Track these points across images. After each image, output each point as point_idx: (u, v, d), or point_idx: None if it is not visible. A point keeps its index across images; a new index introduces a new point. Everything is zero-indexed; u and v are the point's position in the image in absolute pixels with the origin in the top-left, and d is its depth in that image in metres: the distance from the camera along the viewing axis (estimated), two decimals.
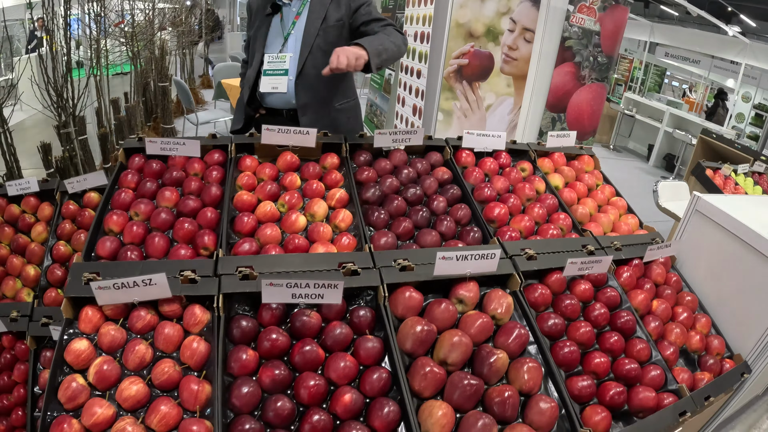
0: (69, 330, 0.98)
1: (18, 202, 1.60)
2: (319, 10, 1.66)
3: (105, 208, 1.28)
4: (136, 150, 1.43)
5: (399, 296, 1.06)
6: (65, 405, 0.89)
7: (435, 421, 0.89)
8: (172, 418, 0.88)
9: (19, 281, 1.48)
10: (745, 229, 1.46)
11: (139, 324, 0.99)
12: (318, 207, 1.27)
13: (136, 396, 0.90)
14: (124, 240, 1.22)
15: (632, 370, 1.18)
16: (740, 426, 1.98)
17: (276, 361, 0.94)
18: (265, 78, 1.68)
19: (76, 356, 0.94)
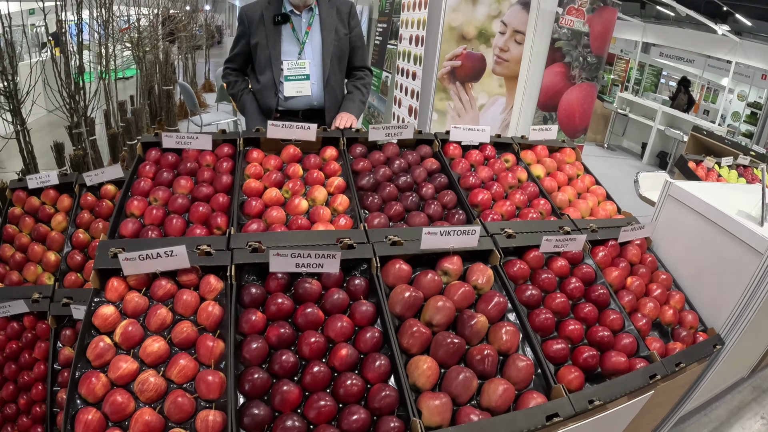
0: (96, 299, 1.11)
1: (38, 194, 1.74)
2: (330, 23, 1.89)
3: (126, 194, 1.43)
4: (152, 144, 1.58)
5: (390, 268, 1.20)
6: (93, 362, 1.01)
7: (421, 372, 1.03)
8: (190, 370, 1.01)
9: (40, 266, 1.62)
10: (716, 212, 1.60)
11: (160, 292, 1.12)
12: (318, 193, 1.42)
13: (158, 352, 1.02)
14: (145, 222, 1.36)
15: (605, 337, 1.31)
16: (725, 407, 2.11)
17: (281, 321, 1.08)
18: (288, 83, 1.88)
19: (103, 320, 1.06)
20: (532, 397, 1.09)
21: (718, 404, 2.09)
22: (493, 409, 1.03)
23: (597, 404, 1.11)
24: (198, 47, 6.06)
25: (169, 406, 0.95)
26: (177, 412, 0.95)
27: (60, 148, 2.62)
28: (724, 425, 1.98)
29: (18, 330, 1.49)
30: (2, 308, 1.45)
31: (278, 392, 0.96)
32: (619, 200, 1.86)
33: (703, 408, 2.04)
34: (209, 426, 0.92)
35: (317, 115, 1.99)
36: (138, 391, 0.97)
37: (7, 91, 2.34)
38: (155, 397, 0.98)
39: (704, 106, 7.05)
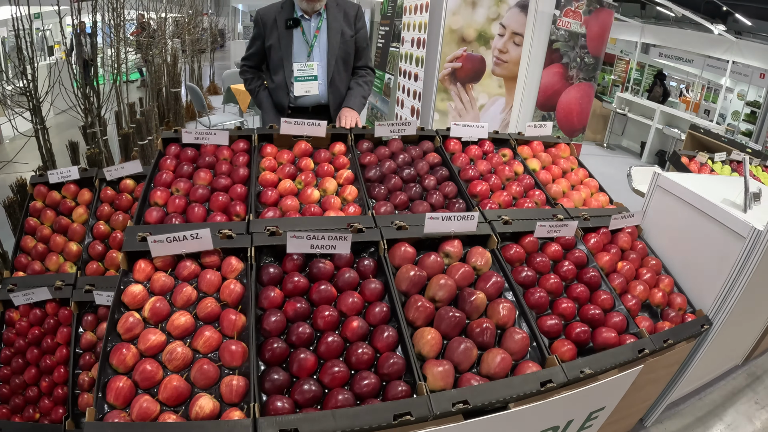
0: (125, 279, 1.21)
1: (58, 189, 1.84)
2: (336, 27, 2.05)
3: (149, 186, 1.55)
4: (172, 140, 1.71)
5: (396, 250, 1.32)
6: (123, 336, 1.10)
7: (425, 342, 1.14)
8: (215, 340, 1.11)
9: (62, 256, 1.72)
10: (701, 200, 1.71)
11: (185, 272, 1.23)
12: (329, 184, 1.54)
13: (185, 325, 1.12)
14: (168, 210, 1.48)
15: (596, 315, 1.43)
16: (719, 392, 2.21)
17: (298, 297, 1.20)
18: (297, 84, 2.05)
19: (132, 297, 1.16)
20: (528, 366, 1.20)
21: (713, 389, 2.19)
22: (492, 375, 1.15)
23: (588, 373, 1.22)
24: (203, 50, 6.23)
25: (195, 373, 1.04)
26: (202, 378, 1.04)
27: (75, 146, 2.75)
28: (718, 408, 2.08)
29: (40, 316, 1.58)
30: (26, 295, 1.55)
31: (296, 360, 1.08)
32: (617, 197, 1.97)
33: (697, 392, 2.14)
34: (233, 390, 1.01)
35: (326, 111, 2.17)
36: (166, 360, 1.06)
37: (28, 91, 2.46)
38: (182, 366, 1.07)
39: (705, 106, 7.17)
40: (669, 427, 1.95)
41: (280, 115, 2.12)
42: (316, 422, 0.93)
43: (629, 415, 1.79)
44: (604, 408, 1.49)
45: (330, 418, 0.94)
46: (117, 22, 3.06)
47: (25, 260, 1.72)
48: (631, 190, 2.86)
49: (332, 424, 0.93)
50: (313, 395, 1.02)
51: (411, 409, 0.97)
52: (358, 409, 0.96)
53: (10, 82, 2.62)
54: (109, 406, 0.99)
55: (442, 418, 1.03)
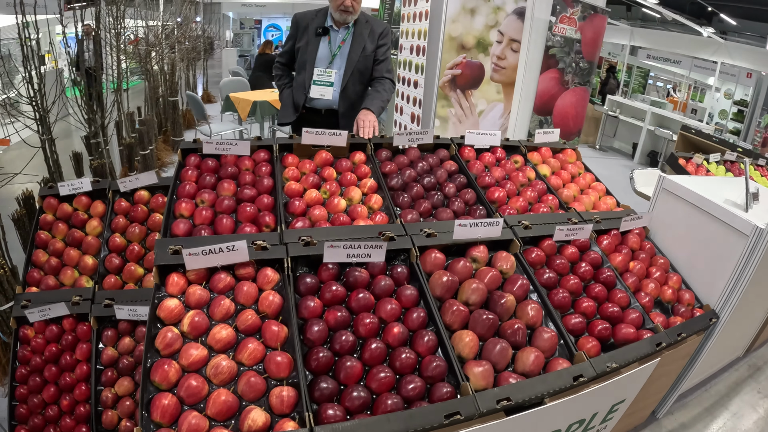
0: (158, 293, 1.21)
1: (69, 201, 1.83)
2: (360, 41, 2.23)
3: (172, 197, 1.57)
4: (190, 150, 1.74)
5: (427, 257, 1.40)
6: (162, 351, 1.09)
7: (465, 344, 1.22)
8: (260, 352, 1.13)
9: (77, 270, 1.70)
10: (705, 201, 1.83)
11: (220, 285, 1.24)
12: (354, 193, 1.61)
13: (227, 338, 1.13)
14: (195, 222, 1.49)
15: (615, 312, 1.52)
16: (723, 383, 2.32)
17: (337, 306, 1.26)
18: (314, 86, 2.23)
19: (168, 312, 1.15)
20: (559, 362, 1.28)
21: (717, 381, 2.31)
22: (527, 373, 1.23)
23: (614, 366, 1.31)
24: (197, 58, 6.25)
25: (243, 386, 1.06)
26: (250, 391, 1.05)
27: (79, 157, 2.76)
28: (723, 399, 2.19)
29: (57, 333, 1.57)
30: (42, 311, 1.53)
31: (342, 368, 1.12)
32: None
33: (703, 384, 2.25)
34: (284, 401, 1.03)
35: (334, 115, 2.32)
36: (211, 375, 1.07)
37: (34, 100, 2.45)
38: (228, 379, 1.08)
39: (692, 105, 7.43)
40: (679, 417, 2.05)
41: (295, 114, 2.31)
42: (372, 427, 0.98)
43: (643, 407, 1.89)
44: (624, 400, 1.58)
45: (385, 422, 0.99)
46: (118, 30, 3.08)
47: (37, 275, 1.70)
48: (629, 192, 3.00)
49: (388, 427, 0.98)
50: (363, 402, 1.07)
51: (460, 409, 1.05)
52: (411, 412, 1.02)
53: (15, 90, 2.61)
54: (155, 424, 0.99)
55: (486, 416, 1.10)
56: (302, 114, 2.31)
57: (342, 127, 2.25)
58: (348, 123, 2.26)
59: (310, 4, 2.92)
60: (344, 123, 2.28)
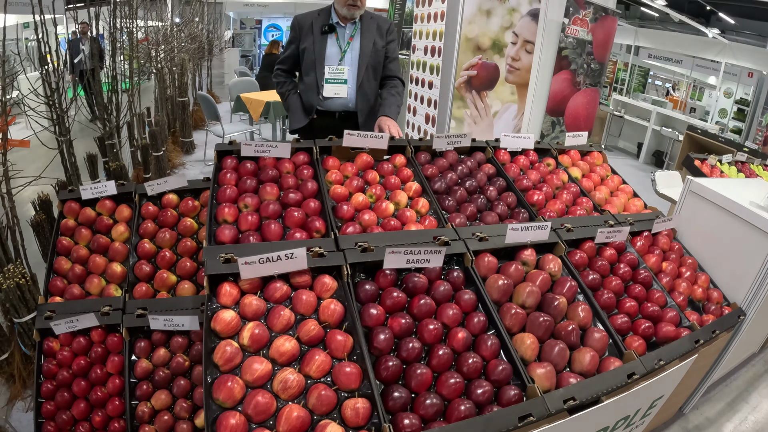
0: (211, 305, 1.17)
1: (91, 205, 1.76)
2: (369, 36, 2.20)
3: (213, 202, 1.51)
4: (226, 152, 1.71)
5: (480, 261, 1.44)
6: (222, 367, 1.06)
7: (527, 347, 1.27)
8: (327, 364, 1.11)
9: (104, 279, 1.62)
10: (732, 203, 1.90)
11: (277, 294, 1.22)
12: (401, 197, 1.65)
13: (291, 351, 1.11)
14: (241, 228, 1.45)
15: (655, 312, 1.59)
16: (742, 378, 2.42)
17: (400, 313, 1.28)
18: (327, 85, 2.19)
19: (224, 325, 1.12)
20: (611, 361, 1.34)
21: (736, 377, 2.40)
22: (584, 372, 1.29)
23: (662, 364, 1.37)
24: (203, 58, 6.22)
25: (314, 401, 1.03)
26: (322, 404, 1.03)
27: (93, 159, 2.74)
28: (743, 393, 2.28)
29: (85, 345, 1.50)
30: (69, 323, 1.45)
31: (413, 375, 1.14)
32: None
33: (724, 380, 2.34)
34: (359, 413, 1.01)
35: (351, 116, 2.29)
36: (279, 390, 1.05)
37: (51, 100, 2.42)
38: (297, 394, 1.06)
39: (690, 104, 7.57)
40: (704, 412, 2.13)
41: (307, 118, 2.25)
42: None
43: (674, 403, 1.97)
44: (663, 396, 1.65)
45: (465, 427, 1.03)
46: (130, 28, 3.07)
47: (61, 284, 1.60)
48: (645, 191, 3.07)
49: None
50: (437, 409, 1.09)
51: (531, 410, 1.09)
52: (488, 416, 1.06)
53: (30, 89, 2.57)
54: None
55: (552, 416, 1.15)
56: (313, 119, 2.25)
57: (362, 127, 2.25)
58: (368, 122, 2.26)
59: (313, 4, 2.93)
60: (363, 122, 2.26)
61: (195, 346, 1.52)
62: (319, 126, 2.27)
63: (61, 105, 2.47)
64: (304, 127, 2.29)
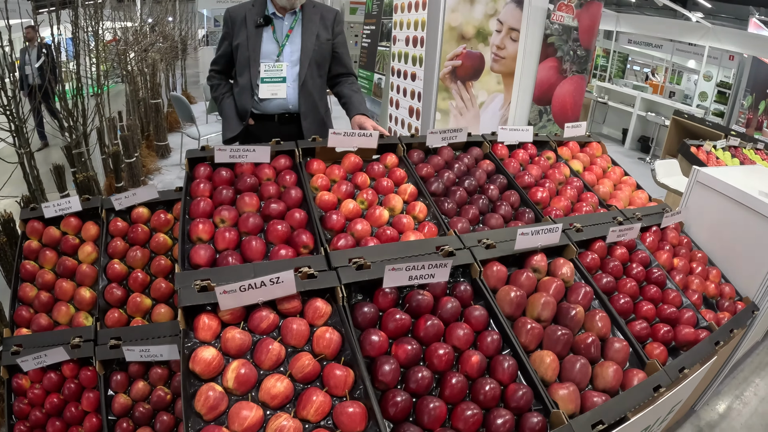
0: (187, 341, 1.03)
1: (56, 223, 1.62)
2: (311, 27, 1.95)
3: (185, 218, 1.36)
4: (198, 160, 1.54)
5: (488, 271, 1.32)
6: (206, 416, 0.93)
7: (546, 366, 1.15)
8: (327, 404, 0.97)
9: (72, 306, 1.49)
10: (741, 193, 1.82)
11: (263, 324, 1.07)
12: (395, 201, 1.50)
13: (285, 392, 0.97)
14: (218, 247, 1.29)
15: (672, 314, 1.49)
16: (747, 368, 2.37)
17: (405, 338, 1.13)
18: (263, 85, 1.92)
19: (206, 365, 0.98)
20: (634, 374, 1.24)
21: (742, 367, 2.36)
22: (608, 389, 1.17)
23: (686, 372, 1.28)
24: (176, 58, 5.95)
25: None
26: None
27: (60, 170, 2.53)
28: (751, 384, 2.24)
29: (57, 381, 1.38)
30: (37, 358, 1.33)
31: (426, 411, 1.00)
32: None
33: (731, 372, 2.29)
34: None
35: (292, 120, 2.03)
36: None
37: (8, 110, 2.21)
38: None
39: (669, 88, 7.62)
40: (715, 407, 2.08)
41: (241, 124, 2.01)
42: None
43: (687, 403, 1.89)
44: (681, 401, 1.57)
45: None
46: (96, 29, 2.83)
47: (26, 313, 1.48)
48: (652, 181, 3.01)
49: None
50: None
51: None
52: None
53: None
54: None
55: None
56: (249, 126, 2.01)
57: (306, 131, 2.00)
58: (313, 126, 2.01)
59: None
60: (308, 126, 2.01)
61: (176, 377, 1.37)
62: (257, 133, 2.02)
63: (20, 115, 2.25)
64: (240, 134, 2.02)
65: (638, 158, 5.96)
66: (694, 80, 7.33)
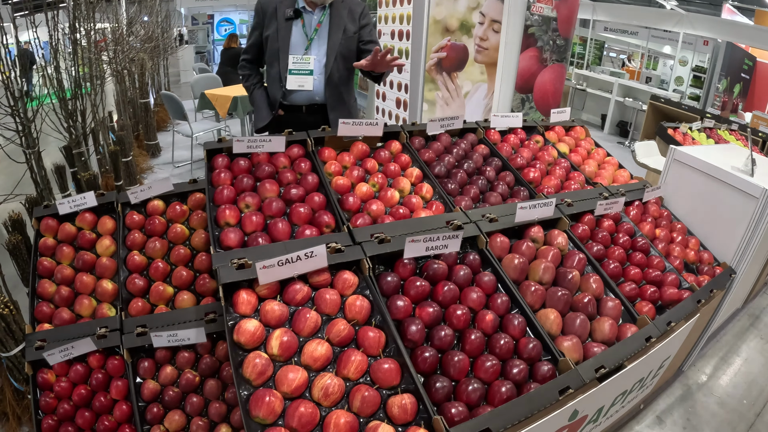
0: (229, 316, 1.15)
1: (70, 220, 1.69)
2: (339, 22, 2.09)
3: (211, 205, 1.50)
4: (215, 151, 1.67)
5: (493, 242, 1.49)
6: (254, 381, 1.04)
7: (551, 322, 1.34)
8: (364, 363, 1.11)
9: (94, 298, 1.56)
10: (715, 169, 2.05)
11: (299, 296, 1.21)
12: (404, 184, 1.67)
13: (325, 354, 1.10)
14: (246, 230, 1.43)
15: (657, 277, 1.70)
16: (730, 333, 2.62)
17: (426, 301, 1.30)
18: (291, 77, 2.06)
19: (249, 336, 1.10)
20: (627, 327, 1.43)
21: (725, 332, 2.60)
22: (606, 341, 1.37)
23: (673, 325, 1.48)
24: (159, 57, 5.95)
25: (358, 404, 1.03)
26: (367, 406, 1.03)
27: (61, 170, 2.59)
28: (733, 347, 2.48)
29: (83, 373, 1.45)
30: (64, 351, 1.40)
31: (451, 363, 1.17)
32: None
33: (714, 336, 2.53)
34: (407, 409, 1.02)
35: (320, 110, 2.17)
36: (321, 397, 1.04)
37: (15, 110, 2.25)
38: (340, 398, 1.05)
39: (645, 74, 8.01)
40: (701, 368, 2.31)
41: (271, 114, 2.15)
42: (502, 415, 1.05)
43: (675, 363, 2.11)
44: (670, 356, 1.78)
45: (512, 407, 1.07)
46: (88, 28, 2.88)
47: (47, 309, 1.54)
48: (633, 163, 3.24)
49: (514, 412, 1.06)
50: (480, 394, 1.13)
51: (569, 383, 1.16)
52: (530, 395, 1.11)
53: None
54: None
55: (585, 386, 1.22)
56: (279, 116, 2.15)
57: (333, 122, 2.13)
58: (340, 117, 2.08)
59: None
60: (334, 116, 2.13)
61: (203, 359, 1.48)
62: (286, 122, 2.15)
63: (26, 114, 2.30)
64: (270, 124, 2.18)
65: (617, 142, 6.29)
66: (670, 65, 7.74)
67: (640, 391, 1.76)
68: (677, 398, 2.12)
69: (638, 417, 2.00)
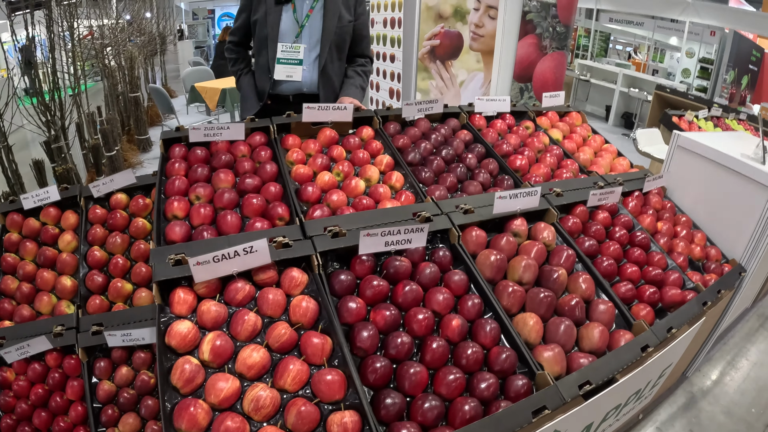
0: (163, 316, 1.03)
1: (35, 215, 1.63)
2: (334, 9, 1.89)
3: (160, 197, 1.38)
4: (173, 140, 1.54)
5: (467, 236, 1.29)
6: (182, 389, 0.92)
7: (530, 328, 1.13)
8: (305, 373, 0.96)
9: (54, 295, 1.50)
10: (723, 156, 1.82)
11: (239, 296, 1.07)
12: (372, 172, 1.47)
13: (261, 362, 0.96)
14: (193, 223, 1.31)
15: (658, 275, 1.48)
16: (738, 335, 2.39)
17: (383, 303, 1.11)
18: (279, 66, 1.88)
19: (181, 339, 0.97)
20: (620, 334, 1.22)
21: (733, 333, 2.37)
22: (595, 350, 1.16)
23: (674, 332, 1.26)
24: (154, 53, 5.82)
25: (294, 420, 0.89)
26: (303, 423, 0.89)
27: (40, 165, 2.46)
28: (742, 350, 2.25)
29: (41, 371, 1.37)
30: (20, 349, 1.31)
31: (406, 376, 0.98)
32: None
33: (721, 338, 2.30)
34: (348, 428, 0.87)
35: (309, 101, 1.94)
36: (251, 410, 0.91)
37: None
38: (273, 413, 0.92)
39: (652, 66, 7.67)
40: (707, 373, 2.08)
41: (259, 104, 1.98)
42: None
43: (678, 369, 1.89)
44: (671, 364, 1.56)
45: (476, 430, 0.88)
46: (71, 23, 2.74)
47: (8, 306, 1.48)
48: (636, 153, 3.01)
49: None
50: (438, 413, 0.94)
51: (545, 402, 0.95)
52: (498, 416, 0.91)
53: None
54: None
55: (566, 405, 1.01)
56: (267, 105, 1.99)
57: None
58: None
59: None
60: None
61: None
62: (274, 113, 1.93)
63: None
64: (257, 114, 1.98)
65: (622, 134, 6.00)
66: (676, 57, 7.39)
67: (638, 403, 1.55)
68: (680, 407, 1.90)
69: (636, 428, 1.79)
